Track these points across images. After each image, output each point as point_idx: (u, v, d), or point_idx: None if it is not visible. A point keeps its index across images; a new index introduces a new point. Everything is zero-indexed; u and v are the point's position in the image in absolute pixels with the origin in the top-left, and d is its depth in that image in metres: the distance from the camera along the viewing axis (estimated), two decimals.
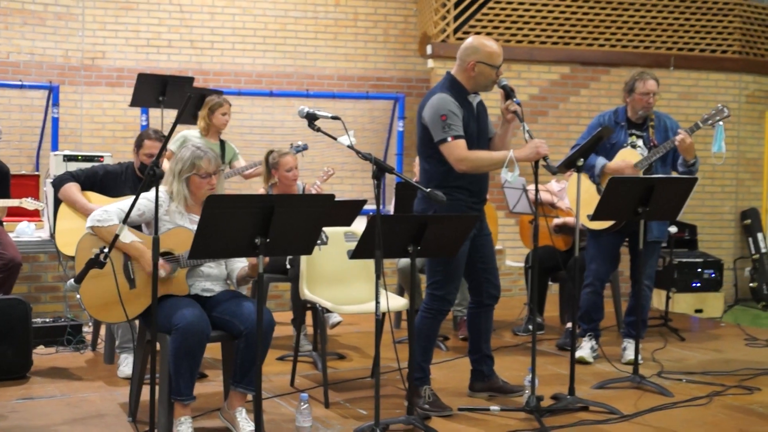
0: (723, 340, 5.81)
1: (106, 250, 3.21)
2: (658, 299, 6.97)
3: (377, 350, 3.54)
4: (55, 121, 7.57)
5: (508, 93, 3.85)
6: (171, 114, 6.71)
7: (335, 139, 3.57)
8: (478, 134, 3.94)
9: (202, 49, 8.37)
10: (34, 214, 6.03)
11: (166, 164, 4.72)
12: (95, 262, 3.20)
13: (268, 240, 3.10)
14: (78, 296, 3.48)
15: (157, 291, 3.18)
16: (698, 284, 7.41)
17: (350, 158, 7.17)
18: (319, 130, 3.55)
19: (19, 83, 7.59)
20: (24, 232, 6.09)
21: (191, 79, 6.89)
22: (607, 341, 5.34)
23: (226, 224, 3.05)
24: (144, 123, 7.58)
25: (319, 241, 3.34)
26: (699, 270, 7.43)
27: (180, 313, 3.37)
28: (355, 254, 3.53)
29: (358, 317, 5.52)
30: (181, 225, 3.60)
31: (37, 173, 7.15)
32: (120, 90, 8.05)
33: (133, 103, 6.74)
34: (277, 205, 3.07)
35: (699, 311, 7.33)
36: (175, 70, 8.02)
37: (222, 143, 5.78)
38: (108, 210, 3.55)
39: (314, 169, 6.74)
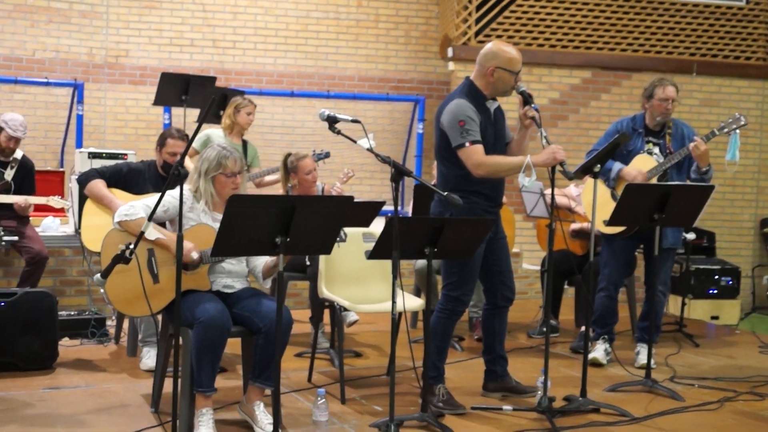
0: (737, 347, 5.82)
1: (131, 246, 3.30)
2: (674, 305, 6.97)
3: (393, 349, 3.61)
4: (80, 118, 7.66)
5: (527, 99, 3.90)
6: (193, 113, 6.80)
7: (355, 141, 3.63)
8: (495, 139, 4.00)
9: (224, 49, 8.46)
10: (59, 210, 6.14)
11: (188, 163, 4.81)
12: (121, 258, 3.29)
13: (288, 239, 3.18)
14: (103, 290, 3.59)
15: (181, 286, 3.26)
16: (715, 291, 7.39)
17: (369, 159, 7.21)
18: (339, 132, 3.61)
19: (45, 80, 7.72)
20: (49, 227, 6.21)
21: (213, 79, 6.95)
22: (621, 345, 5.37)
23: (248, 223, 3.13)
24: (167, 121, 7.68)
25: (338, 238, 3.41)
26: (716, 277, 7.41)
27: (202, 308, 3.46)
28: (372, 254, 3.60)
29: (375, 316, 5.58)
30: (204, 222, 3.69)
31: (62, 169, 7.25)
32: (143, 88, 8.17)
33: (156, 102, 6.82)
34: (297, 206, 3.14)
35: (715, 318, 7.32)
36: (197, 69, 8.12)
37: (244, 143, 5.86)
38: (134, 205, 3.67)
39: (333, 170, 6.80)
